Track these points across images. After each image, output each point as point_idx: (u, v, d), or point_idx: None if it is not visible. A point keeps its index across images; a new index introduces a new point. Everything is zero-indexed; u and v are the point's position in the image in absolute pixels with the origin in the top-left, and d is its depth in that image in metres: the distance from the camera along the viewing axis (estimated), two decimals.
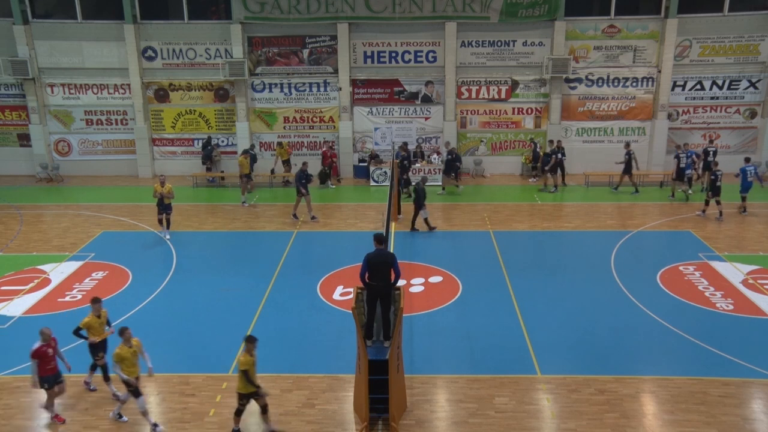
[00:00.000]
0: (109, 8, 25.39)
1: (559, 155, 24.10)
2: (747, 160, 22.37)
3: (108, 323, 11.70)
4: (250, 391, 10.32)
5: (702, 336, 13.35)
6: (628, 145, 24.36)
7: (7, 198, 24.05)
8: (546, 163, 24.29)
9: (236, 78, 25.54)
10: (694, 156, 23.49)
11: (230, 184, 25.98)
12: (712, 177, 20.75)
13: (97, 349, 11.42)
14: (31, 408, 11.30)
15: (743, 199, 21.38)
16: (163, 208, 19.01)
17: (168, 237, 18.84)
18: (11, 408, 11.25)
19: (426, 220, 20.15)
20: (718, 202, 20.86)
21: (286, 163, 25.72)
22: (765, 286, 15.77)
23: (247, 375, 10.15)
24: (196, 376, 12.08)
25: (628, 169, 23.71)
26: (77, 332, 11.33)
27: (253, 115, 26.61)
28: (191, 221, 21.33)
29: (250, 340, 10.26)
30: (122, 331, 10.54)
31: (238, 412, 10.49)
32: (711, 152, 23.79)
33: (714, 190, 20.70)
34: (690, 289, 15.61)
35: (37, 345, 10.55)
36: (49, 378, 10.68)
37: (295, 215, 21.09)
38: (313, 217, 20.92)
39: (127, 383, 10.52)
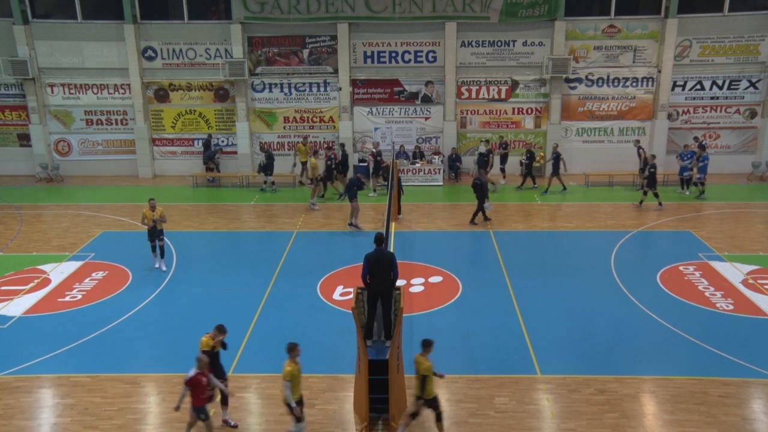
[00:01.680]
0: (109, 8, 25.40)
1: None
2: (702, 148, 23.55)
3: (224, 345, 10.69)
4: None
5: (702, 336, 13.35)
6: (556, 146, 24.47)
7: (7, 198, 24.05)
8: (482, 164, 24.23)
9: (236, 78, 25.55)
10: (694, 158, 23.49)
11: (230, 184, 25.98)
12: (651, 170, 21.56)
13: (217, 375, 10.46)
14: (31, 408, 11.30)
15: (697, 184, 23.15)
16: (156, 234, 16.91)
17: (164, 269, 16.92)
18: (11, 408, 11.25)
19: (484, 213, 20.42)
20: (656, 195, 21.71)
21: (305, 165, 24.68)
22: (765, 286, 15.77)
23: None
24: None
25: (555, 170, 23.76)
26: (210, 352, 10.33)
27: (253, 115, 26.61)
28: (191, 221, 21.33)
29: (293, 348, 9.81)
30: (292, 348, 9.78)
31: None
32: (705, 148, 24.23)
33: (651, 183, 21.60)
34: (690, 289, 15.61)
35: (192, 373, 9.70)
36: (203, 408, 9.96)
37: (351, 223, 20.29)
38: (350, 224, 20.25)
39: (289, 407, 9.85)
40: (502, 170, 25.36)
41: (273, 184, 24.62)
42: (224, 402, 10.66)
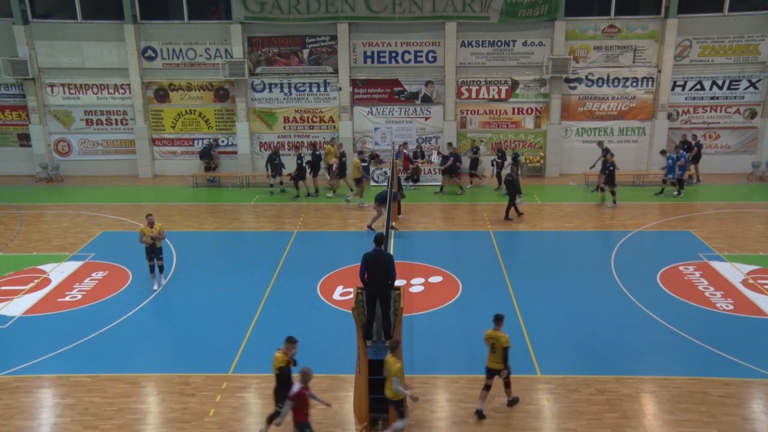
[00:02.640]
0: (109, 8, 25.39)
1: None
2: (663, 152, 23.86)
3: (294, 361, 10.36)
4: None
5: (702, 336, 13.35)
6: (450, 145, 24.68)
7: (7, 198, 24.05)
8: (443, 164, 24.46)
9: (236, 78, 25.54)
10: (683, 159, 23.51)
11: (230, 184, 25.98)
12: (611, 168, 21.82)
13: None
14: (31, 408, 11.30)
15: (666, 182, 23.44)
16: (155, 253, 15.77)
17: (163, 282, 16.10)
18: (11, 408, 11.25)
19: (517, 208, 20.79)
20: (613, 192, 22.06)
21: (331, 168, 24.20)
22: (765, 286, 15.77)
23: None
24: (196, 376, 12.08)
25: (453, 170, 23.78)
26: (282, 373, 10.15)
27: (253, 115, 26.61)
28: (191, 221, 21.33)
29: (396, 345, 10.06)
30: (396, 344, 10.01)
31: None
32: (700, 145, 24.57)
33: (609, 180, 21.87)
34: (690, 289, 15.61)
35: (298, 387, 9.44)
36: (307, 423, 9.66)
37: (392, 226, 20.27)
38: (369, 227, 20.07)
39: (398, 404, 9.91)
40: (473, 174, 25.09)
41: (281, 184, 24.46)
42: (271, 420, 10.27)
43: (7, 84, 26.50)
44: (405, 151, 24.91)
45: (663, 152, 24.01)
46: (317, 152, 24.58)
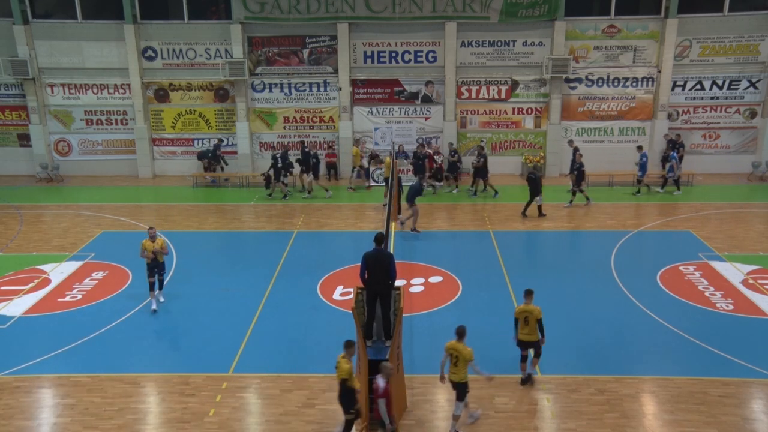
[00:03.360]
0: (109, 8, 25.40)
1: (481, 160, 23.65)
2: (639, 148, 24.06)
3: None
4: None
5: (702, 336, 13.35)
6: (451, 145, 24.83)
7: (7, 198, 24.05)
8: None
9: (236, 78, 25.55)
10: (674, 161, 23.59)
11: (230, 184, 25.97)
12: (578, 167, 21.96)
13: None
14: (31, 408, 11.30)
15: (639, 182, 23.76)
16: (157, 268, 14.81)
17: (162, 300, 15.08)
18: (11, 408, 11.25)
19: (539, 207, 21.01)
20: (577, 192, 22.25)
21: (358, 169, 24.10)
22: (765, 286, 15.77)
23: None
24: (196, 376, 12.08)
25: (420, 170, 23.46)
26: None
27: (253, 115, 26.61)
28: (191, 221, 21.34)
29: (463, 331, 10.25)
30: (463, 331, 10.24)
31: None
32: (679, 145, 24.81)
33: (579, 181, 22.12)
34: (690, 289, 15.61)
35: (383, 383, 9.42)
36: (383, 420, 9.61)
37: (412, 229, 20.03)
38: (407, 226, 20.04)
39: (463, 387, 10.12)
40: (447, 177, 24.82)
41: (286, 186, 24.17)
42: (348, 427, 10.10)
43: (7, 84, 26.51)
44: (429, 150, 24.90)
45: (639, 147, 24.19)
46: (306, 150, 24.18)
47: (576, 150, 23.63)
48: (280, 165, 23.60)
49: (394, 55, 25.86)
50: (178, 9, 25.58)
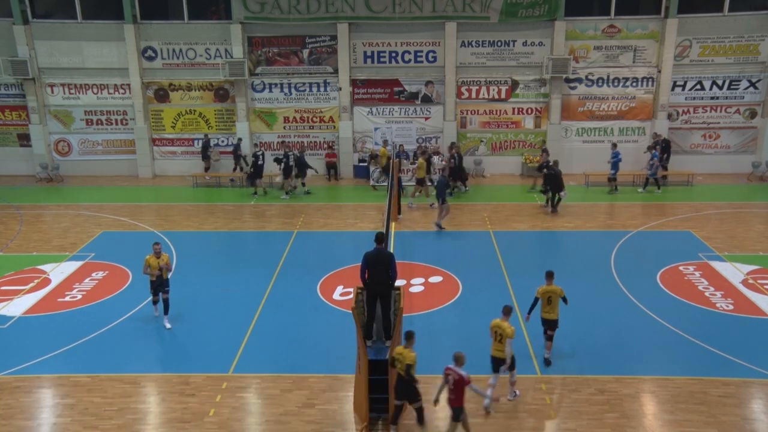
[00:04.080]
0: (109, 8, 25.40)
1: (452, 161, 23.63)
2: (614, 145, 24.23)
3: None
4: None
5: (702, 336, 13.35)
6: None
7: (7, 198, 24.05)
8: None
9: (236, 78, 25.54)
10: (655, 159, 23.68)
11: (230, 184, 25.96)
12: (551, 173, 21.63)
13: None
14: (31, 408, 11.30)
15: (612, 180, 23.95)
16: (161, 286, 13.99)
17: (168, 326, 14.00)
18: (11, 408, 11.25)
19: (557, 203, 21.46)
20: (543, 192, 22.24)
21: (384, 171, 24.04)
22: (765, 286, 15.77)
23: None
24: (196, 376, 12.08)
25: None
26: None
27: (253, 115, 26.61)
28: (191, 221, 21.33)
29: (509, 310, 11.15)
30: (509, 310, 11.10)
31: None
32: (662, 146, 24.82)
33: (547, 182, 21.90)
34: (690, 289, 15.61)
35: (464, 371, 9.71)
36: (462, 409, 9.85)
37: (438, 224, 20.15)
38: (437, 224, 20.08)
39: (503, 362, 10.94)
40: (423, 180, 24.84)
41: (299, 186, 24.19)
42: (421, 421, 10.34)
43: (7, 84, 26.50)
44: (453, 149, 24.94)
45: (614, 145, 24.30)
46: (287, 152, 24.22)
47: (544, 151, 23.56)
48: (292, 163, 23.60)
49: (394, 55, 25.86)
50: (178, 9, 25.58)
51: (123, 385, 11.85)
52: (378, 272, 11.07)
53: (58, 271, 17.06)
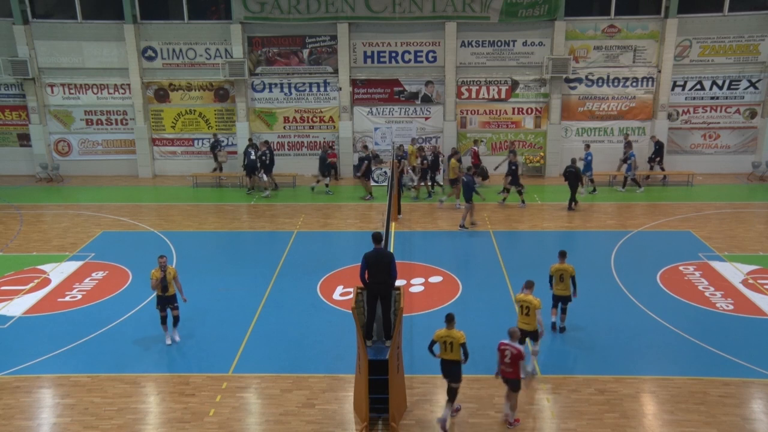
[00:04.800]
0: (109, 8, 25.40)
1: (425, 161, 23.59)
2: (587, 146, 24.33)
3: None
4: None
5: (702, 336, 13.35)
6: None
7: (7, 198, 24.06)
8: (358, 169, 24.01)
9: (236, 78, 25.55)
10: (633, 159, 23.80)
11: (230, 184, 25.97)
12: (513, 167, 22.20)
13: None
14: (31, 408, 11.30)
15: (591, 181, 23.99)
16: (168, 301, 13.18)
17: (177, 339, 13.39)
18: (11, 408, 11.25)
19: (576, 199, 22.03)
20: (519, 192, 22.44)
21: (415, 169, 24.04)
22: (765, 286, 15.77)
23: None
24: (196, 376, 12.08)
25: (368, 174, 23.40)
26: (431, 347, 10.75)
27: (253, 115, 26.61)
28: (191, 221, 21.34)
29: (531, 284, 11.95)
30: (531, 284, 11.84)
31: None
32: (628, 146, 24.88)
33: (515, 180, 22.34)
34: (690, 289, 15.61)
35: (518, 345, 10.48)
36: (519, 382, 10.59)
37: (471, 223, 20.35)
38: (463, 225, 20.20)
39: (533, 335, 11.74)
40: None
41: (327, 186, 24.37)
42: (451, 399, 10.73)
43: (7, 84, 26.51)
44: (475, 147, 24.97)
45: (587, 146, 24.38)
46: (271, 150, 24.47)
47: (512, 151, 23.60)
48: (266, 162, 23.82)
49: (394, 55, 25.86)
50: (178, 9, 25.58)
51: (123, 385, 11.86)
52: (378, 272, 11.07)
53: (58, 271, 17.07)
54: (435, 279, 16.42)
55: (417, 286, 16.00)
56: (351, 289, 14.98)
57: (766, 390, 11.56)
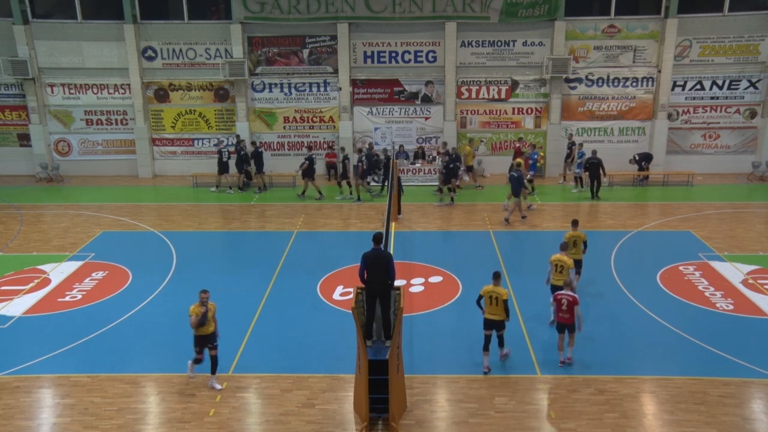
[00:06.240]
0: (109, 8, 25.40)
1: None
2: (533, 146, 24.86)
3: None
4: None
5: (702, 336, 13.35)
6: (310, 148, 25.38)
7: (7, 198, 24.05)
8: (357, 170, 23.64)
9: (236, 78, 25.55)
10: (584, 158, 23.66)
11: (231, 184, 25.94)
12: (450, 166, 22.17)
13: None
14: (31, 408, 11.30)
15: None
16: (208, 340, 11.64)
17: (219, 387, 11.72)
18: (11, 408, 11.25)
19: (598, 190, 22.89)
20: (451, 190, 22.47)
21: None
22: (765, 286, 15.77)
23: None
24: (196, 376, 12.07)
25: (310, 173, 23.17)
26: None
27: (253, 115, 26.61)
28: (191, 221, 21.33)
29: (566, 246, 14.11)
30: (565, 246, 14.01)
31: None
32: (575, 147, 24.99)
33: (447, 179, 22.44)
34: (690, 289, 15.61)
35: (573, 293, 12.24)
36: (574, 326, 12.28)
37: (522, 216, 20.80)
38: (518, 216, 20.80)
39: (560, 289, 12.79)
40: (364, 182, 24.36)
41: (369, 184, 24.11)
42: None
43: (7, 84, 26.50)
44: (518, 144, 24.98)
45: (533, 146, 24.47)
46: (259, 150, 24.44)
47: (447, 152, 23.62)
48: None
49: (394, 55, 25.86)
50: (178, 9, 25.57)
51: (123, 385, 11.86)
52: (377, 272, 11.08)
53: (58, 271, 17.07)
54: (435, 279, 16.42)
55: (417, 286, 16.00)
56: (351, 289, 14.98)
57: (766, 390, 11.56)
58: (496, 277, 12.13)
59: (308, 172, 23.14)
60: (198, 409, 11.16)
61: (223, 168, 24.65)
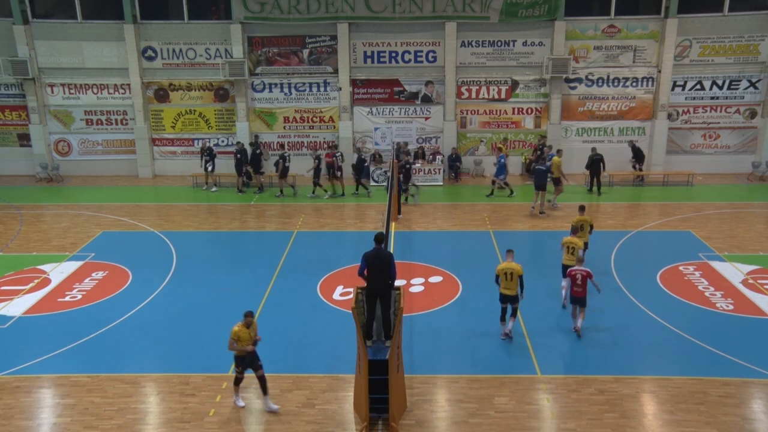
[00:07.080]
0: (109, 8, 25.40)
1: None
2: (550, 148, 24.20)
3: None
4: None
5: (702, 336, 13.35)
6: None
7: (7, 198, 24.06)
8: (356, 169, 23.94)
9: (236, 78, 25.55)
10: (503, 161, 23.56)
11: (230, 184, 25.94)
12: (407, 166, 22.28)
13: None
14: (31, 408, 11.30)
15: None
16: (252, 360, 10.92)
17: (275, 407, 11.04)
18: (11, 408, 11.25)
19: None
20: (404, 189, 22.45)
21: (557, 183, 23.23)
22: (765, 286, 15.77)
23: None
24: (196, 376, 12.08)
25: (284, 173, 23.40)
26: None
27: (253, 115, 26.61)
28: (191, 221, 21.33)
29: (576, 229, 15.42)
30: (574, 229, 15.35)
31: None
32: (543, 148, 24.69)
33: (407, 179, 22.52)
34: (690, 289, 15.61)
35: (584, 268, 13.37)
36: (585, 300, 13.51)
37: (552, 206, 21.93)
38: (543, 211, 21.51)
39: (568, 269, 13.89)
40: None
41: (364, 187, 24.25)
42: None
43: (7, 84, 26.51)
44: (536, 143, 25.00)
45: (499, 149, 24.50)
46: (258, 151, 24.50)
47: (407, 152, 23.72)
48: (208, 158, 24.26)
49: (394, 55, 25.87)
50: (178, 9, 25.58)
51: (123, 385, 11.85)
52: (377, 272, 11.08)
53: (58, 271, 17.07)
54: (435, 279, 16.41)
55: (417, 286, 16.00)
56: (351, 289, 14.98)
57: (766, 390, 11.56)
58: (510, 253, 13.18)
59: (317, 172, 23.45)
60: (198, 409, 11.16)
61: (239, 169, 24.52)
